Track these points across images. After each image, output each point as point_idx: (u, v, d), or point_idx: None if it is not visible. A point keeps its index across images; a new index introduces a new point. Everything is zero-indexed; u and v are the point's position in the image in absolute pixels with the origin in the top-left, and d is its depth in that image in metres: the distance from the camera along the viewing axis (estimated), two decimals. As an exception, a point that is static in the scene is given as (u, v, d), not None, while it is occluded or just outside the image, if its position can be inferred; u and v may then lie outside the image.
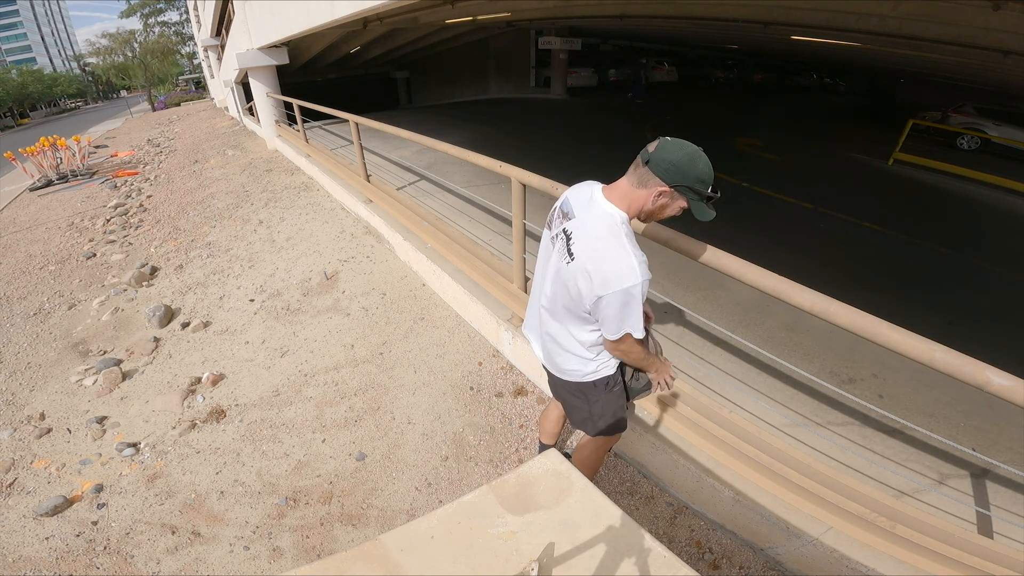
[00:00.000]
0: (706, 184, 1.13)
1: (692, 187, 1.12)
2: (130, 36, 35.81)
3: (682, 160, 1.13)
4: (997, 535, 1.53)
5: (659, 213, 1.22)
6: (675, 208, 1.20)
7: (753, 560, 1.76)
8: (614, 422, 1.59)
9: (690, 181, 1.12)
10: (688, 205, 1.18)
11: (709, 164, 1.13)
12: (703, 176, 1.13)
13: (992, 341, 2.87)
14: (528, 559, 0.89)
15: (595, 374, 1.46)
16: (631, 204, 1.22)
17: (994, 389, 1.06)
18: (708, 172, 1.13)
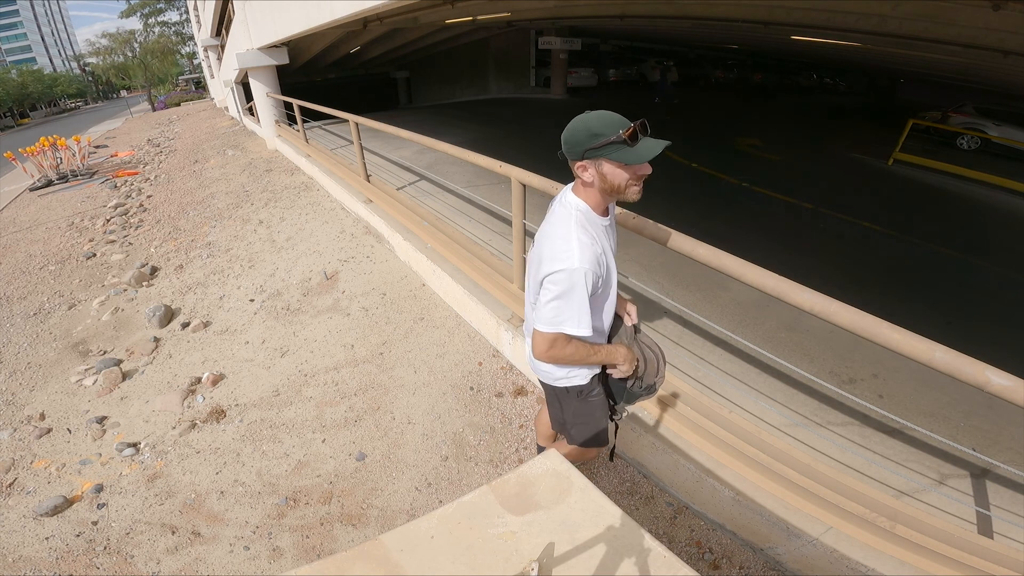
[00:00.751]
0: (602, 133, 1.06)
1: (593, 146, 1.07)
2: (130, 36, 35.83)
3: (568, 133, 1.11)
4: (997, 535, 1.53)
5: (606, 185, 1.14)
6: (611, 172, 1.11)
7: (753, 560, 1.76)
8: (590, 437, 1.55)
9: (587, 142, 1.08)
10: (614, 162, 1.09)
11: (598, 115, 1.08)
12: (593, 128, 1.07)
13: (992, 341, 2.87)
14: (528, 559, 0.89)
15: (566, 380, 1.41)
16: (586, 193, 1.21)
17: (994, 389, 1.06)
18: (597, 122, 1.07)
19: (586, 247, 1.13)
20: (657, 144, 1.07)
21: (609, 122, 1.06)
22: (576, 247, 1.12)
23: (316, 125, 9.16)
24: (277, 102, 9.22)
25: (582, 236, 1.14)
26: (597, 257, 1.15)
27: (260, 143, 10.55)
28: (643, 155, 1.06)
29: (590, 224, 1.19)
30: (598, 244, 1.17)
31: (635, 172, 1.11)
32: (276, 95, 9.18)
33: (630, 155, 1.06)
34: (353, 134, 4.64)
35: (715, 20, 8.30)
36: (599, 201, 1.20)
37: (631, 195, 1.15)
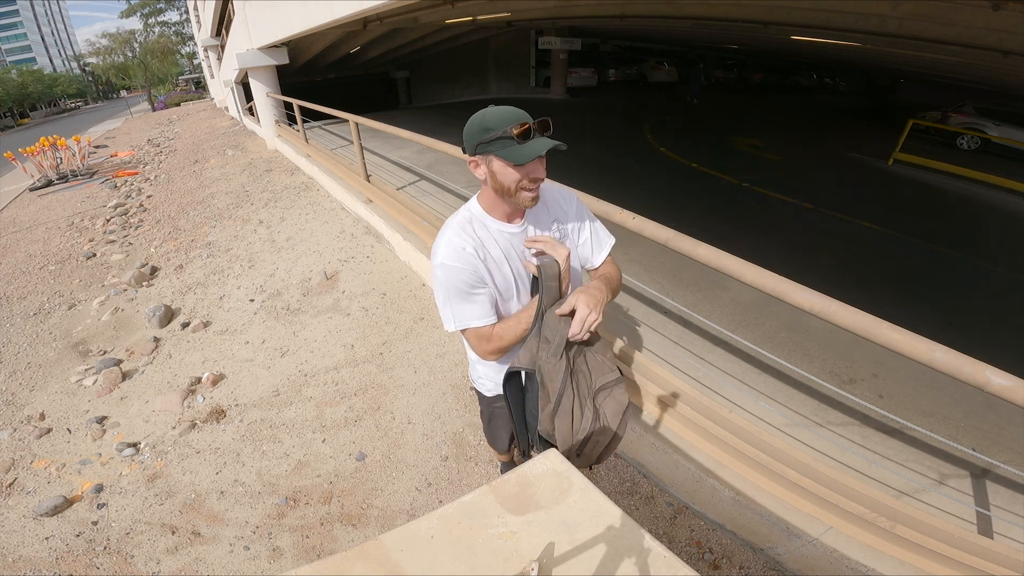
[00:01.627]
0: (493, 127, 0.98)
1: (482, 140, 1.00)
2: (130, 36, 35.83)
3: (465, 129, 1.05)
4: (997, 535, 1.53)
5: (497, 185, 1.05)
6: (500, 171, 1.02)
7: (753, 560, 1.76)
8: (489, 437, 1.63)
9: (478, 136, 1.01)
10: (502, 159, 1.00)
11: (494, 110, 1.01)
12: (487, 122, 1.00)
13: (992, 341, 2.87)
14: (528, 559, 0.89)
15: (475, 383, 1.46)
16: (483, 195, 1.14)
17: (994, 389, 1.06)
18: (493, 116, 1.00)
19: (452, 245, 1.08)
20: (544, 143, 0.97)
21: (503, 117, 0.99)
22: (443, 243, 1.10)
23: (316, 125, 9.16)
24: (277, 102, 9.22)
25: (452, 236, 1.10)
26: (465, 256, 1.07)
27: (260, 143, 10.55)
28: (526, 154, 0.96)
29: (478, 227, 1.12)
30: (472, 245, 1.09)
31: (526, 173, 1.01)
32: (276, 95, 9.18)
33: (515, 153, 0.97)
34: (353, 134, 4.64)
35: (715, 20, 8.30)
36: (495, 203, 1.11)
37: (523, 200, 1.05)
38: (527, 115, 1.00)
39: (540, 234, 1.17)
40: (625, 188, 5.67)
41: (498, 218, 1.13)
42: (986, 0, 3.66)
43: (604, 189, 1.04)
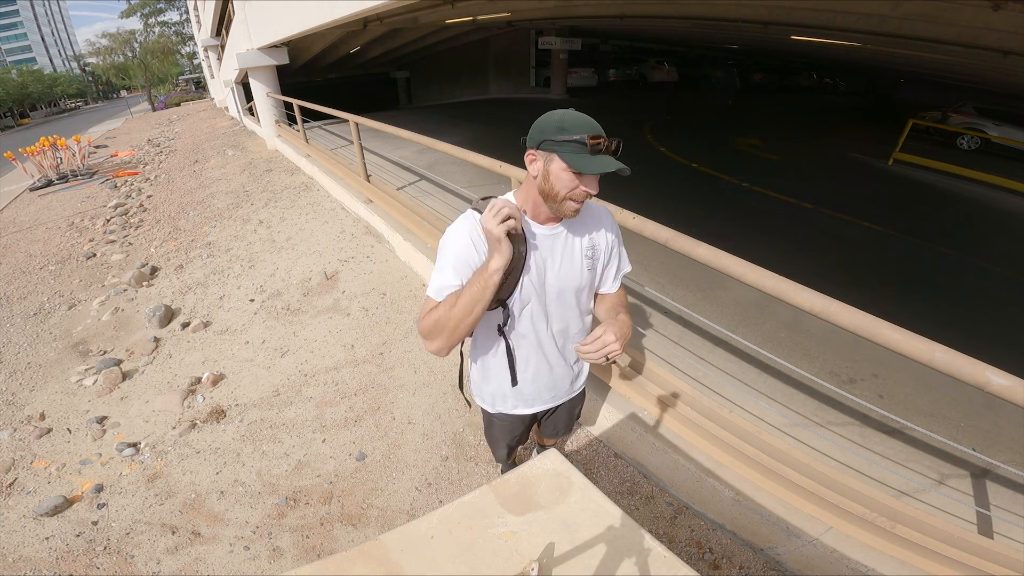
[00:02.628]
0: (568, 130, 0.97)
1: (552, 138, 0.97)
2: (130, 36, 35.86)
3: (539, 120, 1.02)
4: (997, 535, 1.53)
5: (546, 186, 1.03)
6: (556, 173, 1.00)
7: (753, 560, 1.76)
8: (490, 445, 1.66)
9: (550, 133, 0.98)
10: (565, 162, 0.98)
11: (574, 115, 0.99)
12: (563, 123, 0.98)
13: (992, 341, 2.87)
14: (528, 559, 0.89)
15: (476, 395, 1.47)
16: (524, 192, 1.12)
17: (994, 389, 1.06)
18: (571, 119, 0.99)
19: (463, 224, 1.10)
20: (611, 163, 0.97)
21: (582, 122, 0.98)
22: (456, 223, 1.12)
23: (316, 125, 9.16)
24: (277, 102, 9.22)
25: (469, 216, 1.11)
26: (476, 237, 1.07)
27: (260, 143, 10.55)
28: (594, 166, 0.96)
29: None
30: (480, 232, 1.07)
31: (581, 184, 1.01)
32: (276, 95, 9.18)
33: (583, 162, 0.96)
34: (353, 134, 4.64)
35: (715, 20, 8.31)
36: (534, 202, 1.10)
37: (566, 208, 1.04)
38: (602, 130, 0.99)
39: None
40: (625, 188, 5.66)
41: (532, 217, 1.13)
42: (986, 0, 3.66)
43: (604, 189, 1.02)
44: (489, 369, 1.33)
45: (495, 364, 1.30)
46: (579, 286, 1.21)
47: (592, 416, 2.28)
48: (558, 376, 1.36)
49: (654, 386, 2.05)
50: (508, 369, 1.27)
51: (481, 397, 1.43)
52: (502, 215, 0.98)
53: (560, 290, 1.19)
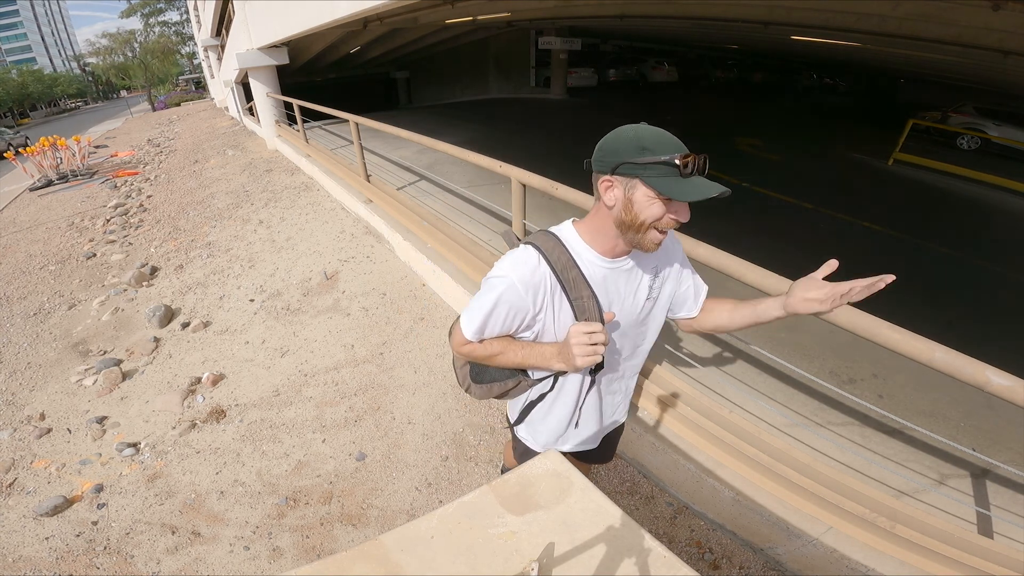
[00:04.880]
0: (652, 150, 0.83)
1: (634, 160, 0.83)
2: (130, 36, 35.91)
3: (609, 139, 0.88)
4: (997, 535, 1.53)
5: (628, 217, 0.88)
6: (642, 201, 0.86)
7: (753, 560, 1.76)
8: None
9: (629, 154, 0.84)
10: (654, 189, 0.84)
11: (651, 130, 0.86)
12: (644, 143, 0.84)
13: (992, 341, 2.87)
14: (528, 559, 0.89)
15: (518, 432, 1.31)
16: (592, 223, 0.97)
17: (994, 389, 1.06)
18: (651, 135, 0.85)
19: (519, 269, 0.95)
20: (710, 186, 0.82)
21: (664, 140, 0.85)
22: (511, 263, 0.96)
23: (316, 125, 9.16)
24: (277, 102, 9.23)
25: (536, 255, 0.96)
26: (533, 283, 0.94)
27: (260, 143, 10.55)
28: (691, 192, 0.82)
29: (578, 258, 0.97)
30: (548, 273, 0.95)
31: (670, 212, 0.87)
32: (276, 95, 9.19)
33: (677, 187, 0.82)
34: (353, 134, 4.64)
35: (715, 20, 8.30)
36: (603, 234, 0.95)
37: (648, 241, 0.90)
38: (685, 146, 0.86)
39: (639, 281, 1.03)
40: (625, 188, 5.66)
41: (596, 249, 0.97)
42: (986, 0, 3.66)
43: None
44: (551, 409, 1.19)
45: (554, 405, 1.18)
46: (643, 319, 1.09)
47: (592, 416, 2.27)
48: (610, 413, 1.27)
49: (654, 386, 2.05)
50: (572, 412, 1.17)
51: (533, 436, 1.27)
52: (593, 355, 0.89)
53: (631, 325, 1.08)
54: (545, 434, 1.25)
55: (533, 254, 0.96)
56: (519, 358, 1.02)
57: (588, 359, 0.90)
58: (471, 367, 1.21)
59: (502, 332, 1.02)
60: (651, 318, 1.11)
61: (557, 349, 0.98)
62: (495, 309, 0.97)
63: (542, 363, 1.00)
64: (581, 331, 0.90)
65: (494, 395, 1.20)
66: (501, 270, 0.97)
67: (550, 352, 0.99)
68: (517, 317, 0.99)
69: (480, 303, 0.99)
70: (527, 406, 1.22)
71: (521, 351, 1.01)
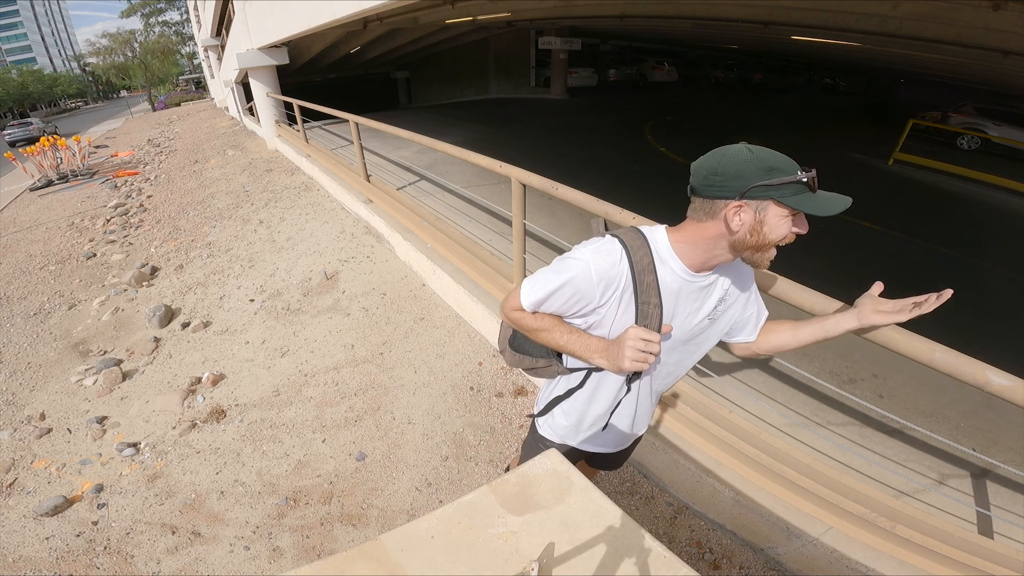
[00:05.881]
0: (779, 170, 0.82)
1: (763, 183, 0.82)
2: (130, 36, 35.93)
3: (728, 162, 0.85)
4: (997, 535, 1.53)
5: (752, 239, 0.87)
6: (773, 220, 0.85)
7: (753, 560, 1.76)
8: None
9: (758, 177, 0.83)
10: (789, 208, 0.84)
11: (764, 150, 0.85)
12: (766, 163, 0.83)
13: (992, 341, 2.87)
14: (528, 559, 0.89)
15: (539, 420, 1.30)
16: (694, 242, 0.93)
17: (994, 389, 1.06)
18: (770, 156, 0.84)
19: (598, 258, 0.93)
20: (842, 200, 0.85)
21: (787, 160, 0.84)
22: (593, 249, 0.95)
23: (316, 125, 9.16)
24: (277, 102, 9.23)
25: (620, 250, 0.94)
26: (609, 275, 0.93)
27: (260, 143, 10.55)
28: (827, 207, 0.83)
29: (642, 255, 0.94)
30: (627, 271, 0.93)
31: (795, 227, 0.87)
32: (276, 95, 9.19)
33: (814, 203, 0.83)
34: (353, 134, 4.64)
35: (715, 20, 8.30)
36: (701, 250, 0.93)
37: (767, 259, 0.90)
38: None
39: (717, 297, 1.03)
40: (626, 188, 5.66)
41: (684, 261, 0.95)
42: (986, 0, 3.66)
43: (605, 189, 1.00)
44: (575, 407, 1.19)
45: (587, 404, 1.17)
46: (695, 337, 1.07)
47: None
48: (638, 423, 1.24)
49: (654, 386, 2.05)
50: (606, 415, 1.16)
51: (553, 429, 1.27)
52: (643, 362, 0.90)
53: (683, 341, 1.06)
54: (567, 429, 1.24)
55: (617, 248, 0.95)
56: (563, 341, 1.01)
57: (637, 364, 0.91)
58: (514, 333, 1.19)
59: (558, 312, 1.02)
60: (704, 338, 1.09)
61: (605, 345, 0.97)
62: (561, 288, 0.96)
63: (584, 353, 1.00)
64: (639, 336, 0.90)
65: (524, 367, 1.20)
66: (581, 254, 0.95)
67: (596, 346, 0.98)
68: (579, 303, 0.97)
69: (548, 278, 0.97)
70: (553, 400, 1.22)
71: (568, 335, 1.01)
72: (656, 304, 0.95)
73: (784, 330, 1.12)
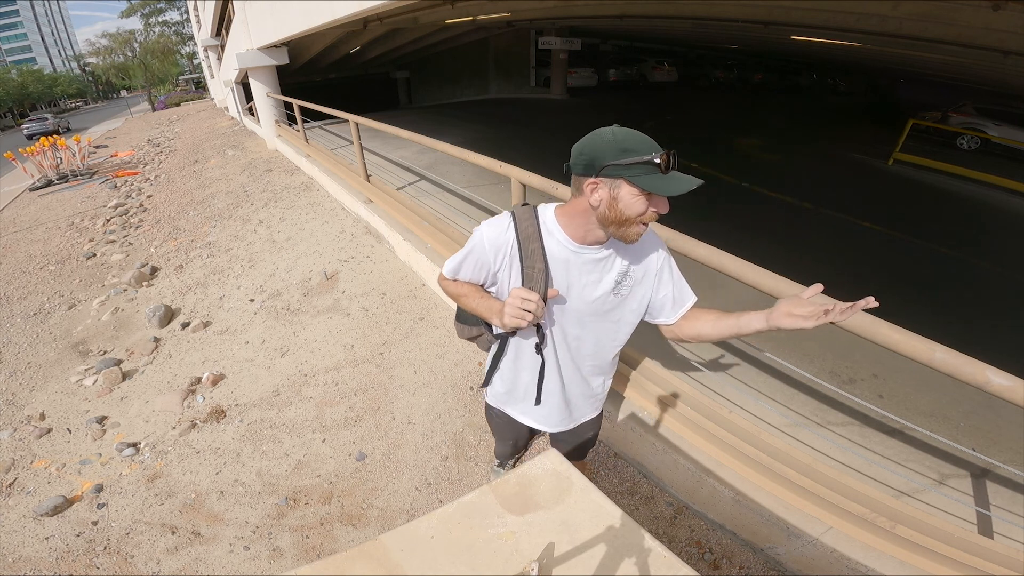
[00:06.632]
0: (632, 151, 0.89)
1: (618, 162, 0.90)
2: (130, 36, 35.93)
3: (588, 143, 0.94)
4: (997, 535, 1.53)
5: (612, 214, 0.95)
6: (627, 198, 0.93)
7: (753, 560, 1.76)
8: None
9: (611, 156, 0.90)
10: (638, 187, 0.91)
11: (626, 132, 0.93)
12: (624, 144, 0.90)
13: (992, 341, 2.87)
14: (528, 559, 0.89)
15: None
16: (572, 218, 1.03)
17: (994, 389, 1.06)
18: (627, 137, 0.91)
19: (494, 228, 1.08)
20: (689, 180, 0.90)
21: (643, 140, 0.91)
22: (493, 221, 1.10)
23: (316, 125, 9.16)
24: (277, 102, 9.22)
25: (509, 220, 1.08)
26: (497, 243, 1.07)
27: (260, 143, 10.55)
28: (672, 187, 0.90)
29: (547, 236, 1.06)
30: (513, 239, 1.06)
31: (652, 206, 0.94)
32: (276, 95, 9.18)
33: (660, 183, 0.90)
34: (353, 134, 4.64)
35: (715, 20, 8.30)
36: (582, 226, 1.02)
37: (632, 234, 0.97)
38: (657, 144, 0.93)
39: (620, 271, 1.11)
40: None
41: (568, 233, 1.04)
42: (986, 0, 3.66)
43: None
44: (505, 374, 1.32)
45: (513, 371, 1.29)
46: (605, 313, 1.14)
47: (592, 416, 2.28)
48: (571, 400, 1.32)
49: (654, 386, 2.05)
50: (534, 385, 1.26)
51: (494, 394, 1.42)
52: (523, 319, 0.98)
53: (581, 314, 1.13)
54: (503, 397, 1.39)
55: (507, 219, 1.09)
56: (475, 304, 1.15)
57: (513, 320, 1.00)
58: (458, 307, 1.32)
59: (473, 280, 1.18)
60: (619, 315, 1.16)
61: (500, 306, 1.07)
62: (468, 256, 1.14)
63: (487, 314, 1.12)
64: (519, 295, 0.99)
65: (467, 336, 1.35)
66: (480, 227, 1.12)
67: (496, 307, 1.09)
68: (482, 270, 1.13)
69: (460, 250, 1.16)
70: (490, 368, 1.36)
71: (479, 299, 1.15)
72: (540, 269, 1.05)
73: (708, 320, 1.16)
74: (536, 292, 1.02)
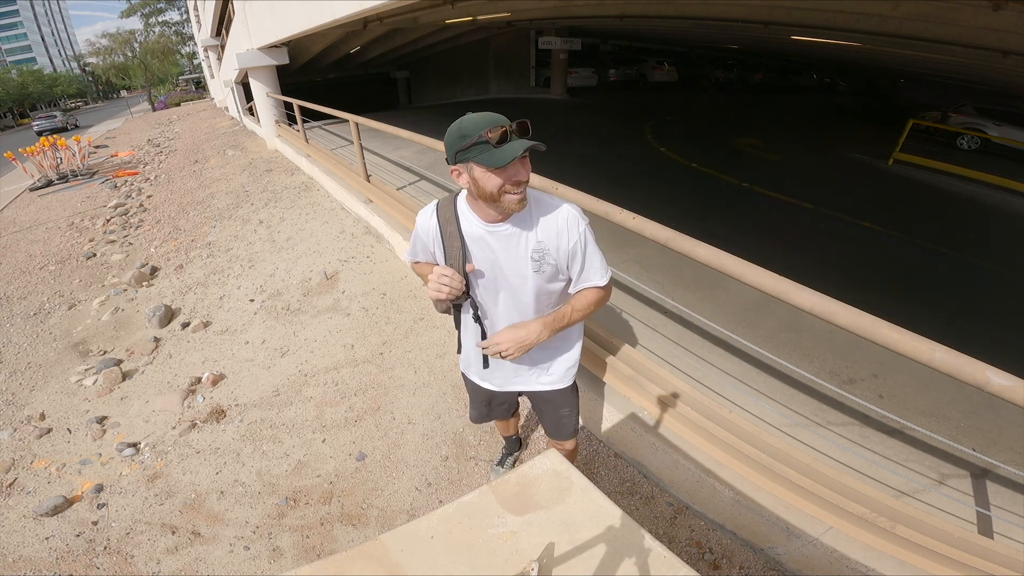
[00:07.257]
0: (468, 135, 0.99)
1: (461, 148, 1.01)
2: (130, 36, 35.92)
3: (446, 136, 1.06)
4: (997, 535, 1.53)
5: (481, 192, 1.06)
6: (481, 177, 1.04)
7: (753, 560, 1.76)
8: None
9: (456, 144, 1.02)
10: (483, 166, 1.01)
11: (472, 117, 1.02)
12: (463, 131, 1.01)
13: (992, 341, 2.87)
14: (528, 559, 0.89)
15: None
16: (472, 202, 1.18)
17: (994, 389, 1.06)
18: (469, 122, 1.01)
19: (424, 215, 1.27)
20: (519, 145, 0.98)
21: (478, 122, 1.00)
22: (424, 210, 1.29)
23: (316, 125, 9.16)
24: (277, 102, 9.23)
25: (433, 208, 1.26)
26: (425, 228, 1.26)
27: (260, 143, 10.55)
28: (503, 157, 0.97)
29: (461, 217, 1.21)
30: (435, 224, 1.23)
31: (508, 177, 1.02)
32: (276, 95, 9.18)
33: (492, 157, 0.98)
34: (353, 134, 4.64)
35: (715, 20, 8.30)
36: (479, 207, 1.15)
37: (508, 203, 1.06)
38: (504, 119, 1.01)
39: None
40: (625, 188, 5.67)
41: (477, 215, 1.18)
42: (986, 0, 3.66)
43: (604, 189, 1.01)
44: (463, 342, 1.48)
45: (465, 339, 1.46)
46: (526, 283, 1.22)
47: (592, 416, 2.28)
48: (516, 371, 1.45)
49: (654, 386, 2.05)
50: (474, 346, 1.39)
51: (464, 359, 1.54)
52: (440, 292, 1.14)
53: (510, 286, 1.24)
54: (465, 361, 1.53)
55: (431, 207, 1.27)
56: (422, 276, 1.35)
57: (433, 292, 1.16)
58: None
59: (425, 260, 1.36)
60: (536, 282, 1.23)
61: None
62: (414, 242, 1.35)
63: (426, 279, 1.26)
64: (439, 272, 1.15)
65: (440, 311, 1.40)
66: (420, 214, 1.30)
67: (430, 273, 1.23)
68: (425, 251, 1.32)
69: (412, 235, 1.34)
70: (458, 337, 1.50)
71: (422, 270, 1.37)
72: (458, 248, 1.19)
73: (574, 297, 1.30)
74: (454, 268, 1.18)
